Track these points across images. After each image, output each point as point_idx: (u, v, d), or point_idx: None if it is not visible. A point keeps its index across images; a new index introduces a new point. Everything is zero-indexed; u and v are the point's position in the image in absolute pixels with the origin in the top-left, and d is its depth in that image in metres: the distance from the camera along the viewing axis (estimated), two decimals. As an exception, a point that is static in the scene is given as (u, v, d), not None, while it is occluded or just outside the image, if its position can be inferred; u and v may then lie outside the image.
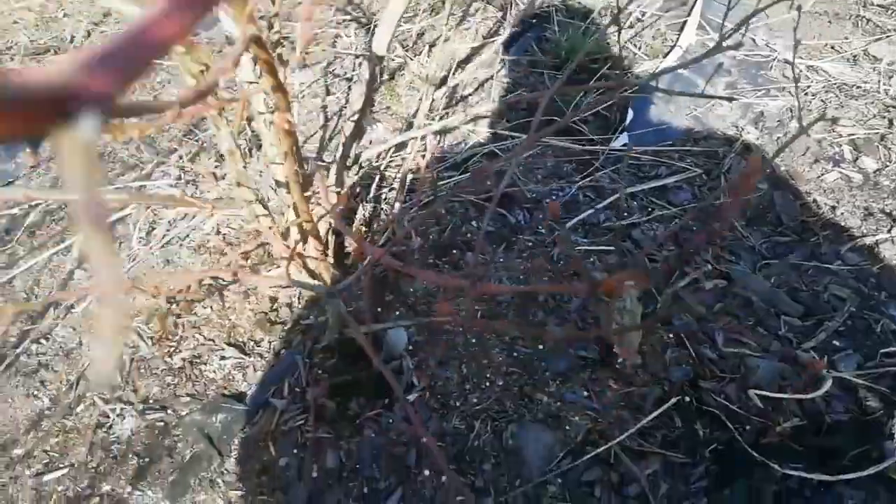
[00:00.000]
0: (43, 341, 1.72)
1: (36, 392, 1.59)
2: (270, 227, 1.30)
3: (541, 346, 1.63)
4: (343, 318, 0.85)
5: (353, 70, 2.72)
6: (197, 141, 2.42)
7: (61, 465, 1.45)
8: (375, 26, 2.86)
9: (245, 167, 1.22)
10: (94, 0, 3.36)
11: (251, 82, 1.20)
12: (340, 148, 1.45)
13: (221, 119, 1.14)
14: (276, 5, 1.18)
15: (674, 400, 1.50)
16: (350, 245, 1.75)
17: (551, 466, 1.39)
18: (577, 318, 1.69)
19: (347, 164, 1.45)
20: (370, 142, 2.03)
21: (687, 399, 1.51)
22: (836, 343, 1.59)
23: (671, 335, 1.64)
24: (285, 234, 1.48)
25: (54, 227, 2.10)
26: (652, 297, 1.73)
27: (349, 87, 2.64)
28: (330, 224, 1.62)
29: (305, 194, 1.22)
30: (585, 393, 1.53)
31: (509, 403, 1.51)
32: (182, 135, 2.47)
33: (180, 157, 2.31)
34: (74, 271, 1.91)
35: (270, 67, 0.66)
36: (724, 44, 1.08)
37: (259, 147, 2.28)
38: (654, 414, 1.48)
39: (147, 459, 1.45)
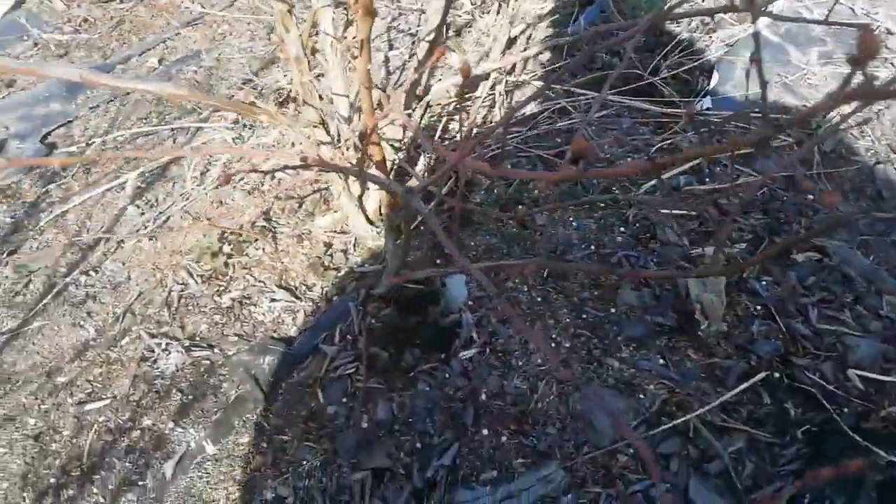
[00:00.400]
0: (92, 273, 1.67)
1: (82, 322, 1.54)
2: (336, 147, 1.20)
3: (612, 310, 1.50)
4: (425, 218, 0.74)
5: (417, 26, 2.62)
6: (255, 88, 2.35)
7: (104, 396, 1.39)
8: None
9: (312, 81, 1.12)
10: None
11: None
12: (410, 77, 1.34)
13: (291, 18, 1.04)
14: None
15: (762, 375, 1.35)
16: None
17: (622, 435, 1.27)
18: (653, 284, 1.55)
19: (418, 92, 1.34)
20: (440, 78, 1.90)
21: (776, 375, 1.36)
22: (948, 326, 1.42)
23: (758, 307, 1.49)
24: (345, 162, 1.38)
25: (110, 164, 2.05)
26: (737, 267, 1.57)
27: (412, 43, 2.54)
28: (394, 163, 1.51)
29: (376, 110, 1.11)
30: (662, 361, 1.40)
31: (577, 366, 1.39)
32: (241, 83, 2.41)
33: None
34: (127, 207, 1.86)
35: None
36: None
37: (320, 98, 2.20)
38: (740, 388, 1.33)
39: (190, 397, 1.38)
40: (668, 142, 1.94)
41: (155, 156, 2.03)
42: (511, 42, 2.34)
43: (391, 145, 1.51)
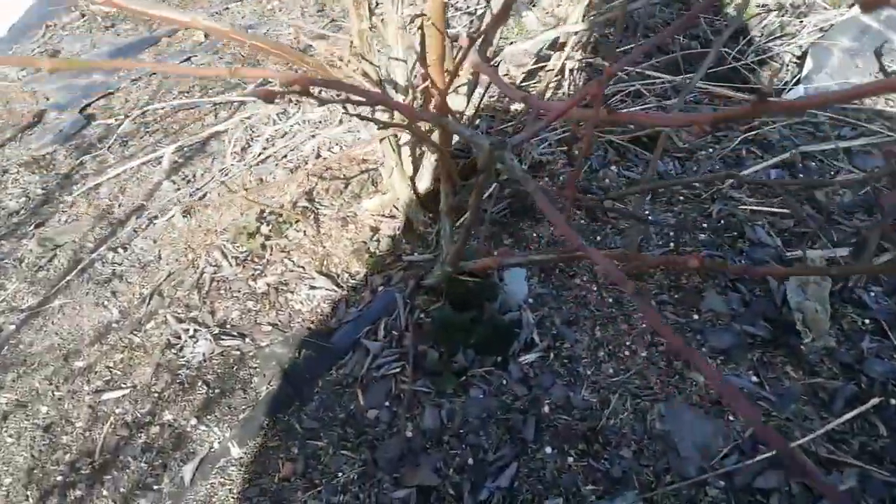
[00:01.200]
0: (120, 250, 1.55)
1: (106, 302, 1.42)
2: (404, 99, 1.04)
3: (695, 316, 1.31)
4: (517, 176, 0.57)
5: (477, 3, 2.44)
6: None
7: (123, 385, 1.26)
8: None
9: (373, 28, 0.96)
10: None
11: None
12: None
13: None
14: None
15: (875, 401, 1.15)
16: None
17: (712, 464, 1.08)
18: (743, 292, 1.35)
19: (488, 53, 1.17)
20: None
21: (893, 402, 1.15)
22: None
23: (867, 321, 1.28)
24: (400, 144, 1.22)
25: (148, 138, 1.94)
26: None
27: (471, 21, 2.37)
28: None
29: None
30: (755, 378, 1.20)
31: (655, 379, 1.20)
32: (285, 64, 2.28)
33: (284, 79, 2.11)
34: (162, 182, 1.74)
35: None
36: None
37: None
38: (850, 415, 1.13)
39: (217, 391, 1.24)
40: (755, 132, 1.74)
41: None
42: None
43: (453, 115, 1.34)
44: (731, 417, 1.15)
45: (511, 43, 1.36)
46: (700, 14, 2.15)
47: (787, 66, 1.97)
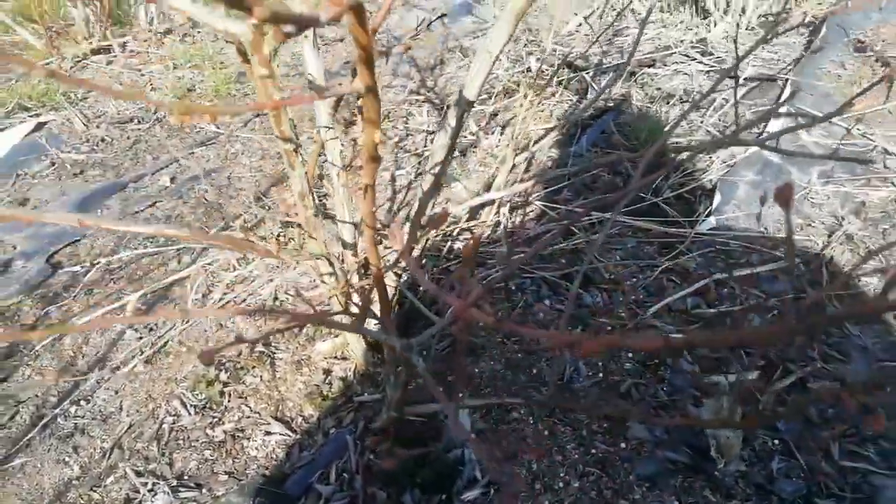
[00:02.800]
0: (83, 403, 1.62)
1: (67, 458, 1.48)
2: (337, 286, 1.18)
3: (622, 445, 1.42)
4: (421, 374, 0.70)
5: (424, 146, 2.69)
6: (263, 207, 2.38)
7: (81, 544, 1.30)
8: (448, 106, 2.85)
9: (316, 214, 1.12)
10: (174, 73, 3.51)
11: (328, 127, 1.12)
12: (415, 204, 1.34)
13: (297, 157, 1.05)
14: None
15: (786, 521, 1.26)
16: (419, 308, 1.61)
17: (639, 592, 1.16)
18: (665, 413, 1.48)
19: (423, 221, 1.34)
20: (447, 201, 1.93)
21: (803, 521, 1.27)
22: (984, 465, 1.33)
23: (777, 441, 1.41)
24: (348, 297, 1.36)
25: (112, 285, 2.05)
26: (752, 398, 1.51)
27: (419, 163, 2.59)
28: (396, 289, 1.49)
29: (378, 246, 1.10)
30: (677, 503, 1.31)
31: (587, 510, 1.30)
32: (248, 202, 2.45)
33: (245, 222, 2.27)
34: (125, 331, 1.83)
35: (367, 56, 0.55)
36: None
37: (326, 216, 2.23)
38: (763, 536, 1.24)
39: (174, 545, 1.29)
40: (674, 262, 1.93)
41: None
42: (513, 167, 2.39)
43: (395, 273, 1.49)
44: (656, 544, 1.24)
45: (444, 204, 1.54)
46: (625, 157, 2.41)
47: (700, 199, 2.21)
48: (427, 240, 1.78)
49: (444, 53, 3.64)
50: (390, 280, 1.48)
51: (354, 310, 1.48)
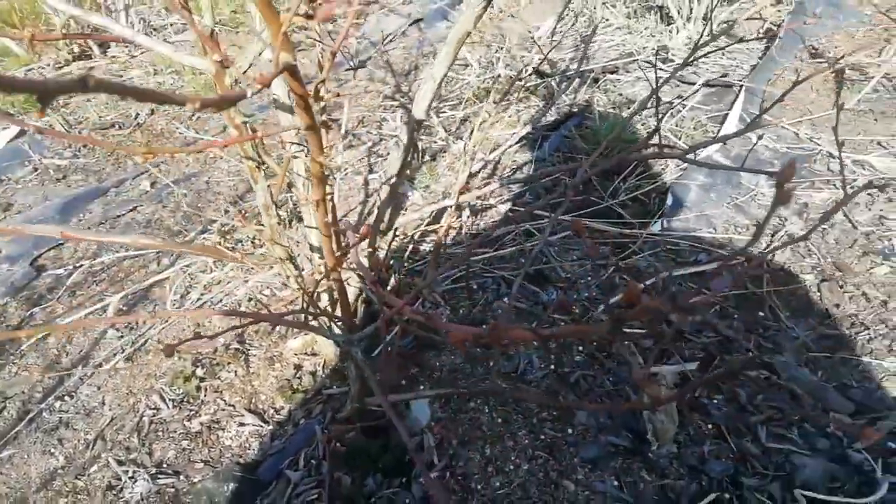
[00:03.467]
0: (67, 398, 1.72)
1: (52, 450, 1.58)
2: (299, 288, 1.30)
3: (569, 430, 1.55)
4: (363, 370, 0.81)
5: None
6: (240, 211, 2.48)
7: (67, 527, 1.41)
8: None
9: (280, 223, 1.23)
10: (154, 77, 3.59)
11: (294, 143, 1.23)
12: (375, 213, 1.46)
13: (259, 172, 1.16)
14: (325, 72, 1.22)
15: (712, 496, 1.39)
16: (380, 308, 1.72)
17: (576, 562, 1.29)
18: (609, 398, 1.61)
19: (381, 227, 1.46)
20: (405, 209, 2.05)
21: (727, 496, 1.40)
22: (892, 444, 1.46)
23: (710, 426, 1.55)
24: (314, 297, 1.47)
25: (94, 287, 2.14)
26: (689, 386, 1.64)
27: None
28: (360, 291, 1.61)
29: (338, 254, 1.22)
30: (616, 482, 1.43)
31: (534, 490, 1.42)
32: (226, 205, 2.55)
33: (222, 226, 2.37)
34: (107, 331, 1.93)
35: (304, 103, 0.67)
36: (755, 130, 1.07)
37: (300, 219, 2.33)
38: (691, 511, 1.37)
39: (153, 527, 1.40)
40: (626, 262, 2.06)
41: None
42: (480, 169, 2.51)
43: (359, 275, 1.61)
44: (595, 519, 1.37)
45: (402, 214, 1.65)
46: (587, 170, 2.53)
47: (654, 201, 2.34)
48: (391, 242, 1.90)
49: (419, 59, 3.75)
50: (355, 281, 1.60)
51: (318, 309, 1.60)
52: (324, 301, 1.66)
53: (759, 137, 2.59)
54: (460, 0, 4.48)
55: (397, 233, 1.78)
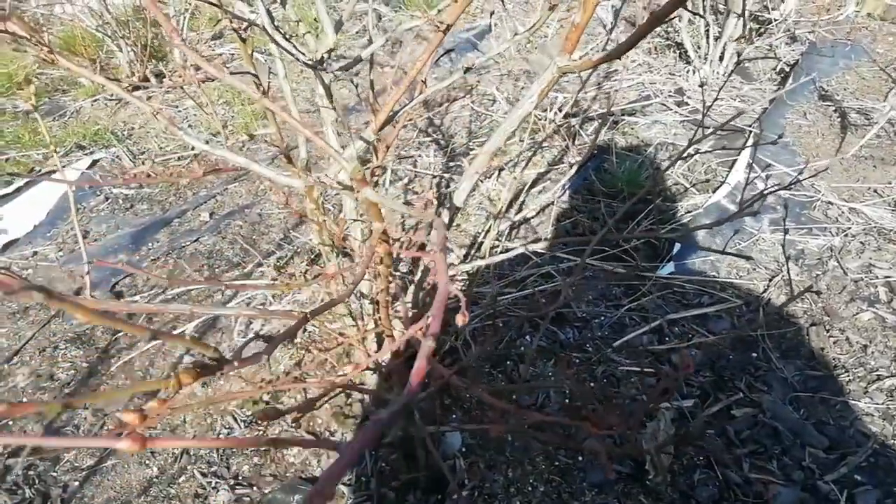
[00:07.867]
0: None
1: (147, 462, 1.89)
2: (355, 335, 1.59)
3: (580, 458, 1.82)
4: (415, 421, 1.09)
5: (430, 188, 3.08)
6: (291, 245, 2.79)
7: (165, 528, 1.72)
8: (453, 149, 3.23)
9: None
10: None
11: (353, 219, 1.51)
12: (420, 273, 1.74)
13: (333, 253, 1.45)
14: (380, 159, 1.50)
15: (699, 519, 1.65)
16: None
17: (582, 571, 1.56)
18: (616, 436, 1.87)
19: (424, 286, 1.74)
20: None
21: (712, 519, 1.66)
22: (858, 478, 1.71)
23: (700, 457, 1.81)
24: (365, 341, 1.76)
25: (168, 314, 2.46)
26: (685, 419, 1.90)
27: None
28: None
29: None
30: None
31: (548, 509, 1.70)
32: (279, 240, 2.86)
33: (277, 259, 2.68)
34: (183, 357, 2.25)
35: (389, 260, 0.94)
36: (745, 210, 1.34)
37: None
38: (680, 531, 1.63)
39: (234, 530, 1.71)
40: (636, 302, 2.32)
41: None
42: (508, 206, 2.79)
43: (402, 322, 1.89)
44: (598, 536, 1.64)
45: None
46: (602, 200, 2.79)
47: (663, 245, 2.59)
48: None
49: (451, 91, 4.02)
50: (398, 324, 1.88)
51: (372, 347, 1.88)
52: (370, 345, 1.95)
53: (762, 195, 2.81)
54: (489, 30, 4.73)
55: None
